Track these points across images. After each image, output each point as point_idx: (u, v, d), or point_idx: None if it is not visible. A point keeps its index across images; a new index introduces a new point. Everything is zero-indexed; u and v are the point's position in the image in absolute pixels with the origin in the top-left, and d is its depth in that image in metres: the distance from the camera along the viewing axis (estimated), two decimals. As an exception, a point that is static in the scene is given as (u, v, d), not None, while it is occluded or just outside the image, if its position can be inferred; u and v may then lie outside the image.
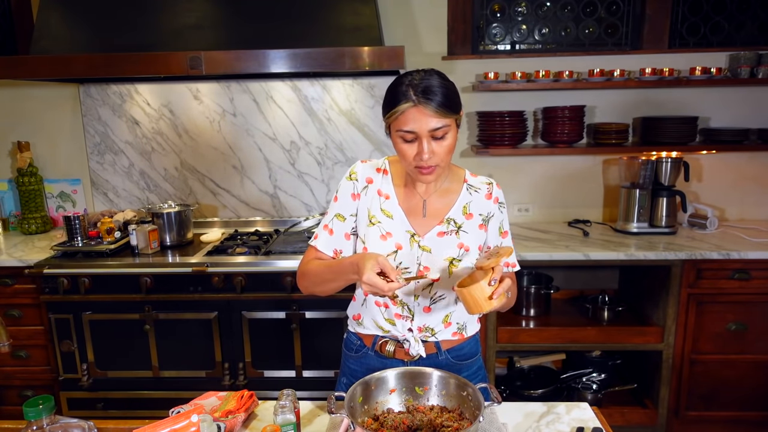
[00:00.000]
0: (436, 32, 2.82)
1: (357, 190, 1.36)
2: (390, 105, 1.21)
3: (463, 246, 1.32)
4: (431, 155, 1.20)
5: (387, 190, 1.35)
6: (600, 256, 2.41)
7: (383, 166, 1.38)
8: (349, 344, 1.47)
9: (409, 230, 1.32)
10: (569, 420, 1.27)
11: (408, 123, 1.19)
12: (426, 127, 1.18)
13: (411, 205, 1.35)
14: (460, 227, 1.33)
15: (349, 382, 1.44)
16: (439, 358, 1.38)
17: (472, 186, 1.38)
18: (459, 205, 1.35)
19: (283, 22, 2.46)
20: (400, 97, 1.19)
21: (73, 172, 3.02)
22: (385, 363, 1.37)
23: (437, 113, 1.17)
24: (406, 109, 1.18)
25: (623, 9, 2.87)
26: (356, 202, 1.36)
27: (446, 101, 1.18)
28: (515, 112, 2.72)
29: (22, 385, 2.60)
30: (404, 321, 1.35)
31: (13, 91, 2.94)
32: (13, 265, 2.45)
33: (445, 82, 1.21)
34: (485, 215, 1.36)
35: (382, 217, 1.33)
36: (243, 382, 2.44)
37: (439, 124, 1.18)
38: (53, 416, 0.97)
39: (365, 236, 1.34)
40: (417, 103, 1.17)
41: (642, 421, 2.56)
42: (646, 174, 2.67)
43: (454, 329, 1.37)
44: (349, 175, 1.37)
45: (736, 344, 2.46)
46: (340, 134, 2.91)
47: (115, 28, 2.49)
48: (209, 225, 2.99)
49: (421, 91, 1.17)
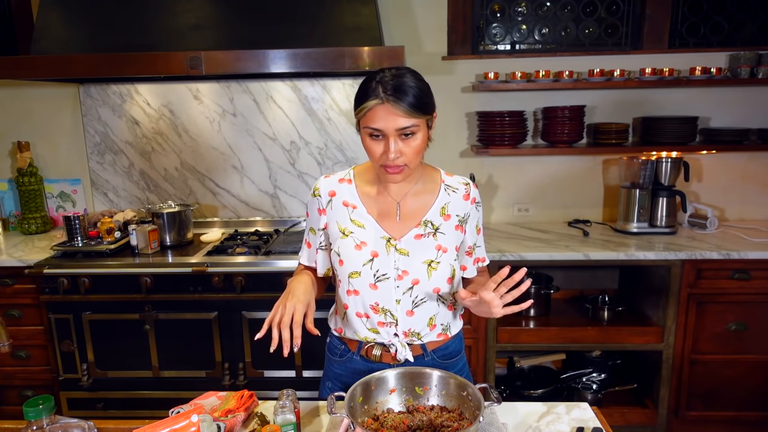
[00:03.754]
0: (436, 32, 2.82)
1: (322, 205, 1.36)
2: (359, 101, 1.20)
3: (441, 247, 1.31)
4: (398, 155, 1.19)
5: (353, 200, 1.34)
6: (600, 256, 2.41)
7: (347, 176, 1.37)
8: (333, 349, 1.46)
9: (384, 236, 1.31)
10: (569, 420, 1.27)
11: (375, 121, 1.17)
12: (393, 125, 1.16)
13: (383, 209, 1.33)
14: (437, 229, 1.32)
15: (333, 386, 1.44)
16: (426, 359, 1.37)
17: (449, 186, 1.36)
18: (437, 206, 1.34)
19: (283, 22, 2.46)
20: (370, 93, 1.17)
21: (73, 172, 3.03)
22: (371, 366, 1.36)
23: (406, 113, 1.15)
24: (374, 106, 1.16)
25: (623, 9, 2.87)
26: (323, 216, 1.37)
27: (416, 101, 1.16)
28: (515, 112, 2.72)
29: (22, 385, 2.60)
30: (388, 327, 1.33)
31: (13, 91, 2.94)
32: (13, 265, 2.45)
33: (418, 82, 1.20)
34: (462, 216, 1.35)
35: (354, 227, 1.33)
36: (243, 382, 2.44)
37: (407, 123, 1.17)
38: (53, 416, 0.97)
39: (339, 249, 1.33)
40: (385, 101, 1.15)
41: (642, 421, 2.56)
42: (646, 174, 2.67)
43: (439, 330, 1.36)
44: (313, 191, 1.38)
45: (736, 344, 2.46)
46: (340, 134, 2.91)
47: (115, 28, 2.49)
48: (209, 225, 2.99)
49: (391, 88, 1.15)
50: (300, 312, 1.19)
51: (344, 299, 1.35)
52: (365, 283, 1.30)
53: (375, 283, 1.30)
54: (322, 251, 1.41)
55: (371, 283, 1.30)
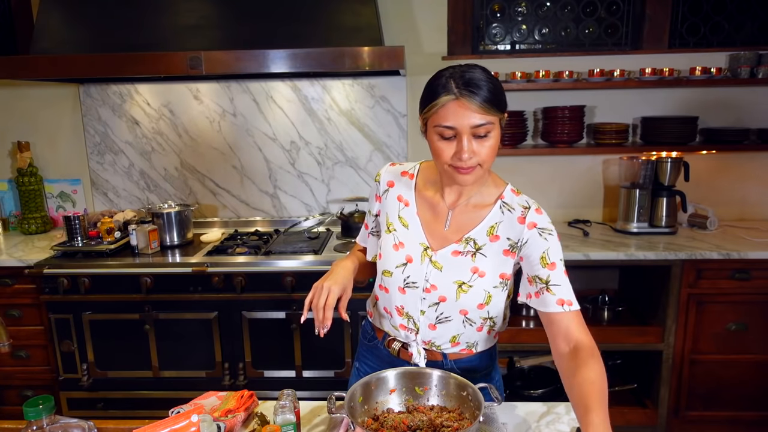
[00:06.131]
0: (436, 32, 2.82)
1: (379, 192, 1.35)
2: (429, 98, 1.11)
3: (477, 271, 1.21)
4: (471, 155, 1.10)
5: (408, 197, 1.29)
6: (600, 256, 2.41)
7: (412, 171, 1.31)
8: (365, 332, 1.49)
9: (423, 243, 1.25)
10: (569, 420, 1.27)
11: (448, 118, 1.08)
12: (468, 122, 1.08)
13: (433, 215, 1.27)
14: (479, 249, 1.22)
15: (361, 366, 1.47)
16: (445, 367, 1.31)
17: (506, 204, 1.24)
18: (485, 224, 1.23)
19: (283, 22, 2.46)
20: (440, 89, 1.09)
21: (73, 172, 3.02)
22: (391, 358, 1.37)
23: (481, 108, 1.07)
24: (446, 102, 1.08)
25: (623, 9, 2.87)
26: (377, 203, 1.36)
27: (491, 96, 1.08)
28: (515, 112, 2.72)
29: (22, 385, 2.60)
30: (409, 333, 1.31)
31: (14, 91, 2.94)
32: (13, 265, 2.45)
33: (490, 77, 1.11)
34: (514, 241, 1.21)
35: (398, 225, 1.29)
36: (243, 382, 2.44)
37: (482, 120, 1.08)
38: (53, 416, 0.97)
39: (382, 242, 1.33)
40: (459, 96, 1.06)
41: (642, 421, 2.56)
42: (646, 174, 2.67)
43: (463, 347, 1.30)
44: (376, 176, 1.38)
45: (736, 344, 2.46)
46: (340, 134, 2.91)
47: (116, 28, 2.49)
48: (209, 225, 2.99)
49: (464, 83, 1.07)
50: (334, 294, 1.21)
51: (377, 291, 1.37)
52: (395, 285, 1.29)
53: (404, 287, 1.28)
54: (374, 236, 1.40)
55: (400, 286, 1.28)
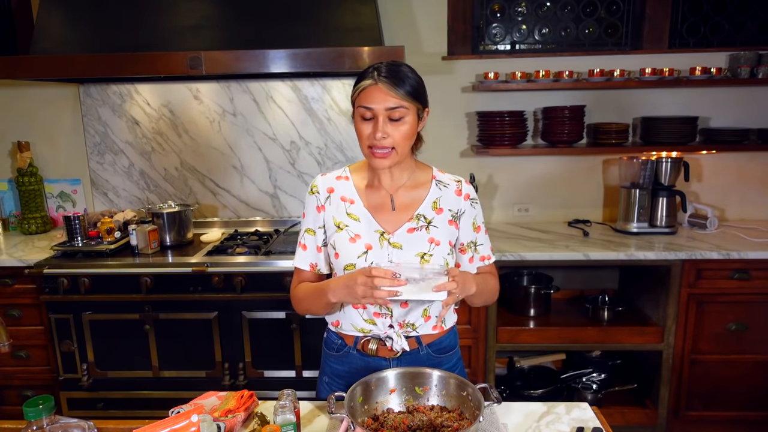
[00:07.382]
0: (436, 32, 2.82)
1: (320, 202, 1.39)
2: (356, 84, 1.30)
3: (434, 240, 1.35)
4: (385, 135, 1.25)
5: (351, 195, 1.39)
6: (600, 256, 2.41)
7: (344, 174, 1.42)
8: (330, 344, 1.47)
9: (378, 229, 1.35)
10: (569, 420, 1.27)
11: (367, 99, 1.25)
12: (383, 105, 1.24)
13: (377, 203, 1.37)
14: (430, 222, 1.36)
15: (331, 381, 1.46)
16: (421, 353, 1.38)
17: (441, 182, 1.41)
18: (429, 200, 1.38)
19: (283, 22, 2.46)
20: (366, 76, 1.27)
21: (73, 172, 3.02)
22: (367, 361, 1.38)
23: (396, 93, 1.24)
24: (367, 86, 1.26)
25: (623, 9, 2.87)
26: (321, 213, 1.39)
27: (407, 86, 1.25)
28: (515, 112, 2.72)
29: (22, 385, 2.60)
30: (384, 318, 1.35)
31: (13, 91, 2.94)
32: (13, 265, 2.45)
33: (413, 73, 1.29)
34: (455, 212, 1.39)
35: (349, 220, 1.36)
36: (243, 382, 2.44)
37: (396, 104, 1.24)
38: (53, 416, 0.97)
39: (335, 242, 1.36)
40: (378, 81, 1.24)
41: (642, 421, 2.56)
42: (646, 174, 2.67)
43: (434, 323, 1.38)
44: (311, 189, 1.41)
45: (736, 344, 2.46)
46: (340, 134, 2.91)
47: (115, 28, 2.49)
48: (209, 225, 2.99)
49: (385, 72, 1.25)
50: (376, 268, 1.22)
51: None
52: None
53: None
54: (325, 248, 1.42)
55: None
